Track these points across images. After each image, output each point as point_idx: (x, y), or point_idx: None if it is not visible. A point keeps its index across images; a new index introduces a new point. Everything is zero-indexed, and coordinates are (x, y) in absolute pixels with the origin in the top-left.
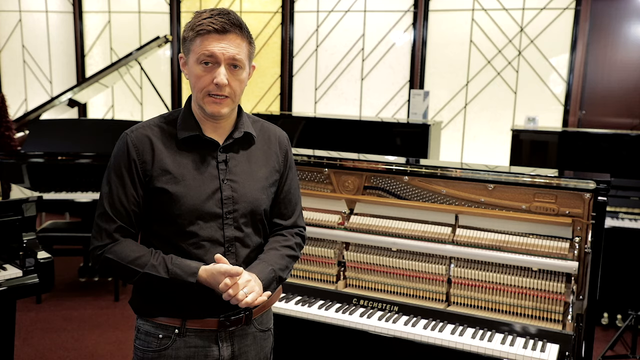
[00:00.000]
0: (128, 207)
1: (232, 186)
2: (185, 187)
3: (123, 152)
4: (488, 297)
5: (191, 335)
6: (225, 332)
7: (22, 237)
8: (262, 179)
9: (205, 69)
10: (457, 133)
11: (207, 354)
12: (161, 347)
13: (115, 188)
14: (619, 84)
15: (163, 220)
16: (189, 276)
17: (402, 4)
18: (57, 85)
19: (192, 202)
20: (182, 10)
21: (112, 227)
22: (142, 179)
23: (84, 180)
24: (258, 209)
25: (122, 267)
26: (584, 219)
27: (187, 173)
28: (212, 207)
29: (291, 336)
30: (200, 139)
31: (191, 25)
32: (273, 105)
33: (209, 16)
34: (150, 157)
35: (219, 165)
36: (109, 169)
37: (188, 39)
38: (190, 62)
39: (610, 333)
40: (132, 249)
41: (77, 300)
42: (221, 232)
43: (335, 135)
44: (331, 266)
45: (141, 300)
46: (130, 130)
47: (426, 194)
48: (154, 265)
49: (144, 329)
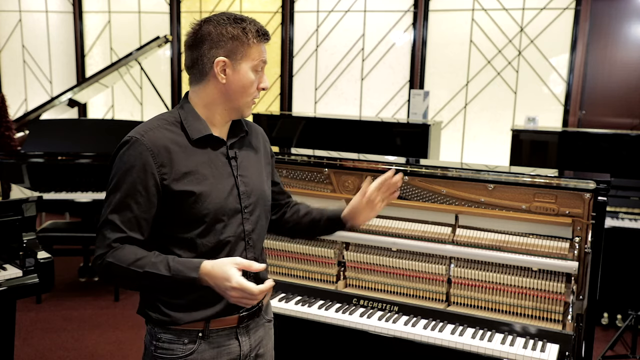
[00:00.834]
0: (140, 216)
1: (244, 181)
2: (209, 186)
3: (137, 158)
4: (488, 297)
5: (213, 335)
6: (242, 327)
7: (22, 237)
8: (263, 171)
9: (257, 75)
10: (457, 133)
11: (230, 351)
12: (187, 353)
13: (125, 196)
14: (619, 84)
15: (188, 223)
16: (191, 271)
17: (402, 4)
18: (57, 85)
19: (216, 199)
20: (182, 10)
21: (118, 236)
22: (159, 185)
23: (84, 180)
24: (267, 201)
25: (123, 270)
26: (584, 219)
27: (207, 172)
28: (233, 203)
29: (291, 336)
30: (210, 138)
31: (244, 29)
32: (273, 105)
33: (253, 23)
34: (168, 160)
35: (230, 161)
36: (118, 176)
37: (245, 43)
38: (242, 67)
39: (610, 333)
40: (134, 252)
41: (77, 300)
42: (242, 227)
43: (335, 135)
44: (331, 266)
45: (160, 309)
46: (139, 134)
47: (426, 194)
48: (154, 263)
49: (165, 337)
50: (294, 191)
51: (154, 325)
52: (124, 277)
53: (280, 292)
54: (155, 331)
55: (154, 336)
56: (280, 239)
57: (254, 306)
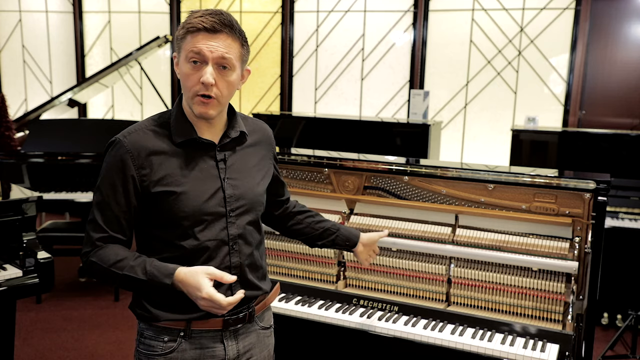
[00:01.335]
0: (120, 216)
1: (232, 184)
2: (188, 189)
3: (117, 159)
4: (488, 297)
5: (196, 336)
6: (229, 331)
7: (22, 237)
8: (258, 175)
9: (193, 67)
10: (457, 133)
11: (214, 354)
12: (167, 351)
13: (106, 196)
14: (619, 84)
15: (166, 224)
16: (165, 277)
17: (402, 4)
18: (57, 85)
19: (196, 203)
20: (182, 10)
21: (99, 235)
22: (139, 186)
23: (84, 180)
24: (258, 205)
25: (104, 270)
26: (584, 219)
27: (187, 175)
28: (215, 206)
29: (291, 336)
30: (196, 141)
31: (183, 23)
32: (273, 105)
33: (201, 15)
34: (148, 162)
35: (218, 164)
36: (102, 176)
37: (179, 37)
38: (180, 60)
39: (610, 333)
40: (116, 252)
41: (77, 300)
42: (225, 232)
43: (335, 135)
44: (331, 266)
45: (143, 305)
46: (122, 136)
47: (426, 194)
48: (132, 267)
49: (147, 333)
50: (294, 191)
51: (139, 320)
52: (105, 277)
53: (280, 292)
54: (140, 327)
55: (139, 332)
56: (280, 239)
57: (240, 311)
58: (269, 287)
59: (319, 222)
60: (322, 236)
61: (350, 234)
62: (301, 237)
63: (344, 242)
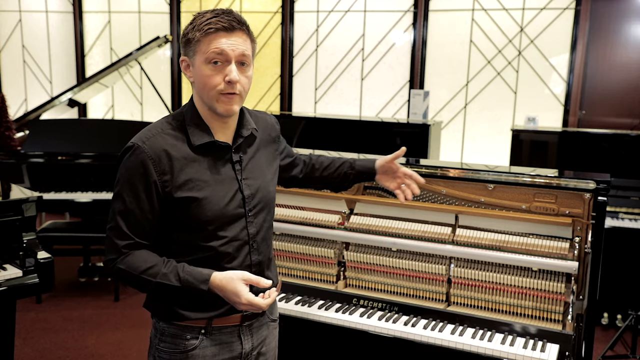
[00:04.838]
0: (144, 222)
1: (248, 184)
2: (210, 194)
3: (137, 164)
4: (488, 297)
5: (216, 332)
6: (244, 326)
7: (22, 237)
8: (269, 170)
9: (214, 68)
10: (457, 133)
11: (232, 349)
12: (189, 348)
13: (129, 203)
14: (619, 84)
15: (189, 229)
16: (200, 283)
17: (402, 4)
18: (57, 85)
19: (217, 207)
20: (182, 10)
21: (125, 242)
22: (161, 192)
23: (84, 180)
24: (272, 202)
25: (135, 278)
26: (584, 219)
27: (208, 179)
28: (236, 208)
29: (291, 336)
30: (213, 144)
31: (195, 26)
32: (273, 105)
33: (214, 15)
34: (169, 167)
35: (234, 166)
36: (121, 183)
37: (193, 40)
38: (197, 63)
39: (610, 333)
40: (145, 258)
41: (77, 300)
42: (245, 231)
43: (335, 135)
44: (331, 266)
45: (166, 305)
46: (141, 141)
47: (426, 194)
48: (165, 274)
49: (169, 331)
50: (294, 191)
51: (159, 319)
52: (135, 283)
53: (280, 292)
54: (160, 325)
55: (158, 330)
56: (280, 239)
57: None
58: (277, 279)
59: (336, 169)
60: (343, 182)
61: (364, 167)
62: (327, 188)
63: (363, 176)
